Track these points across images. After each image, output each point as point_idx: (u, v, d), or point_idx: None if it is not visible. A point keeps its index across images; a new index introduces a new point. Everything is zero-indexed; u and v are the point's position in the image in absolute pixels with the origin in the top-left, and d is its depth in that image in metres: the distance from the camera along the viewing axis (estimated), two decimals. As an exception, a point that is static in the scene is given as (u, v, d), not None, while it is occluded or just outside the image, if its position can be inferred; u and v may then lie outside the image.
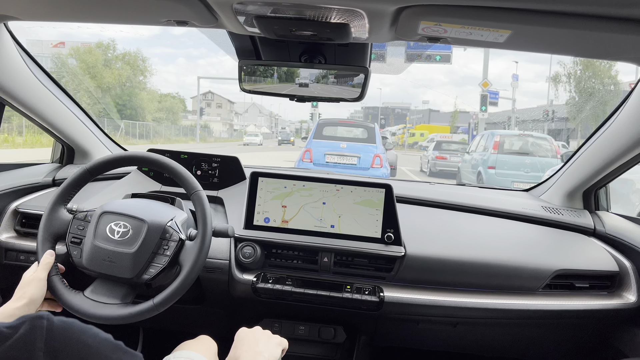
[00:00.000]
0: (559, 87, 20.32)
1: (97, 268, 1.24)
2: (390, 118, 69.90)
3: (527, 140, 10.53)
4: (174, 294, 1.22)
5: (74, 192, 1.33)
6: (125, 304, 1.24)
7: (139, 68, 28.46)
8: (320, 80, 1.35)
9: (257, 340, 1.10)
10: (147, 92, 30.31)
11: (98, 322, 1.20)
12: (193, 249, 1.25)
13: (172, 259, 1.26)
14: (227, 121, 67.04)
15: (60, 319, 0.64)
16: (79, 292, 1.25)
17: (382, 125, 61.87)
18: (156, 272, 1.24)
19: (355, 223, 1.59)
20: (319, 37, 1.18)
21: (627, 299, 1.55)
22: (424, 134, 41.19)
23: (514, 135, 11.43)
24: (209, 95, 73.67)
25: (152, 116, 29.75)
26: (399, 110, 73.72)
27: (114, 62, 25.96)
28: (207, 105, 71.94)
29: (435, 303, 1.54)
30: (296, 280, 1.58)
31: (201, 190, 1.30)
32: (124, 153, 1.37)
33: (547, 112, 19.45)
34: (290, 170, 1.82)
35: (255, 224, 1.62)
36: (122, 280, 1.25)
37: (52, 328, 0.62)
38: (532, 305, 1.54)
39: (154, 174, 1.83)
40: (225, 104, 72.66)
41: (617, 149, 1.56)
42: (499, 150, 10.03)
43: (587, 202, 1.89)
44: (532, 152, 10.07)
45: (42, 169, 2.00)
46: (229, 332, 1.87)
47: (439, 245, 1.61)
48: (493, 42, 1.06)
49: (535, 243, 1.73)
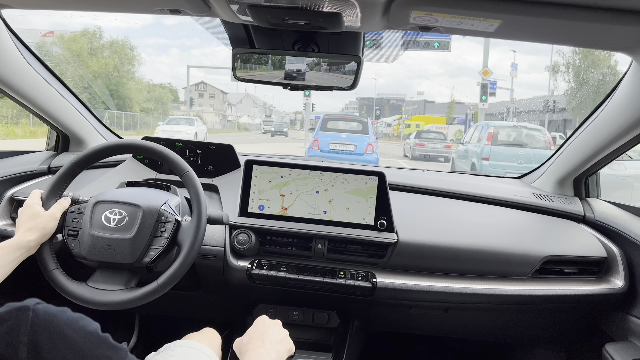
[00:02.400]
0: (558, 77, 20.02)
1: (97, 257, 1.25)
2: (385, 109, 69.29)
3: (521, 132, 10.62)
4: (177, 273, 1.24)
5: (64, 186, 1.33)
6: (129, 289, 1.26)
7: (127, 57, 27.65)
8: (313, 69, 1.36)
9: (272, 337, 1.07)
10: (135, 81, 29.49)
11: (105, 309, 1.23)
12: (190, 228, 1.27)
13: (170, 240, 1.28)
14: (220, 112, 66.16)
15: (45, 310, 0.63)
16: (82, 283, 1.26)
17: (377, 116, 60.65)
18: (156, 254, 1.26)
19: (349, 210, 1.61)
20: (311, 25, 1.19)
21: (615, 284, 1.58)
22: (420, 124, 40.49)
23: (508, 126, 11.53)
24: (201, 85, 72.35)
25: (140, 106, 28.90)
26: (394, 101, 73.07)
27: (100, 50, 25.12)
28: (199, 95, 70.65)
29: (426, 288, 1.56)
30: (291, 267, 1.60)
31: (191, 171, 1.31)
32: (112, 142, 1.37)
33: (548, 102, 18.75)
34: (284, 158, 1.84)
35: (250, 212, 1.64)
36: (123, 266, 1.27)
37: (36, 322, 0.61)
38: (522, 290, 1.57)
39: (149, 161, 1.83)
40: (218, 94, 71.63)
41: (607, 137, 1.58)
42: (493, 142, 10.15)
43: (577, 189, 1.92)
44: (525, 144, 10.23)
45: (38, 156, 2.01)
46: (224, 318, 1.91)
47: (431, 232, 1.63)
48: (483, 32, 1.07)
49: (526, 229, 1.75)
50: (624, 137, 1.53)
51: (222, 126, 56.99)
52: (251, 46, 1.41)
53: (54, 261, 1.27)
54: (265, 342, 1.05)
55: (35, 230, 1.20)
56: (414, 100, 68.99)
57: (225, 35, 1.39)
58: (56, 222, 1.26)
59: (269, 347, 1.04)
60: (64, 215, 1.30)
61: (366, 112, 76.63)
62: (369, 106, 76.18)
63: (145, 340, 2.28)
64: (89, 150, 1.33)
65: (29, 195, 1.28)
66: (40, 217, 1.22)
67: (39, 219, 1.22)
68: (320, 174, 1.64)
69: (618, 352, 1.48)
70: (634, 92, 1.36)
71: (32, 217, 1.22)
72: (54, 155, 2.05)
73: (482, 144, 10.37)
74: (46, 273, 1.26)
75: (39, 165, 1.94)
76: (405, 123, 40.92)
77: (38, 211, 1.23)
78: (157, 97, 34.56)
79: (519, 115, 20.69)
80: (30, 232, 1.19)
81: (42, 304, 0.64)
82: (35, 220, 1.21)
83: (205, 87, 72.20)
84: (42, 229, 1.21)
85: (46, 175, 1.92)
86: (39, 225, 1.21)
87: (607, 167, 1.73)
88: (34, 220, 1.21)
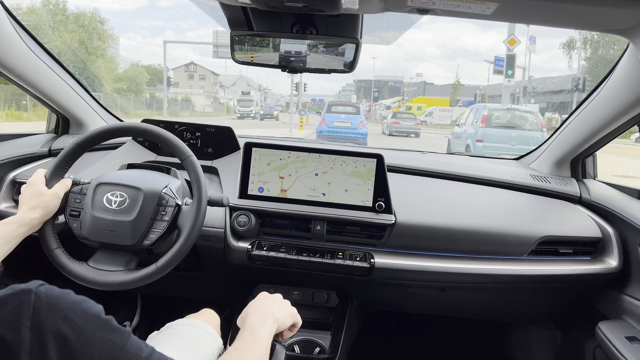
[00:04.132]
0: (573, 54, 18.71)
1: (98, 238, 1.27)
2: (384, 91, 68.24)
3: (514, 114, 10.92)
4: (176, 257, 1.26)
5: (67, 167, 1.34)
6: (129, 270, 1.28)
7: (96, 31, 25.15)
8: (311, 51, 1.36)
9: (273, 302, 1.08)
10: (105, 59, 26.96)
11: (104, 289, 1.25)
12: (190, 213, 1.29)
13: (170, 224, 1.30)
14: (212, 94, 62.84)
15: (48, 293, 0.63)
16: (83, 263, 1.28)
17: (375, 99, 59.28)
18: (156, 237, 1.28)
19: (347, 192, 1.63)
20: (309, 8, 1.18)
21: (609, 264, 1.61)
22: (422, 107, 38.62)
23: (502, 109, 11.73)
24: (191, 66, 69.41)
25: (110, 87, 26.65)
26: (391, 83, 71.87)
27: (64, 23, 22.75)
28: (189, 77, 68.20)
29: (424, 269, 1.59)
30: (290, 248, 1.62)
31: (192, 156, 1.32)
32: (115, 125, 1.38)
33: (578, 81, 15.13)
34: (283, 141, 1.85)
35: (250, 194, 1.65)
36: (124, 248, 1.29)
37: (39, 304, 0.61)
38: (518, 270, 1.59)
39: (149, 144, 1.85)
40: (209, 76, 69.10)
41: (604, 118, 1.59)
42: (487, 124, 10.42)
43: (574, 170, 1.93)
44: (518, 126, 10.53)
45: (38, 139, 2.02)
46: (225, 298, 1.94)
47: (428, 213, 1.65)
48: (481, 14, 1.08)
49: (523, 210, 1.77)
50: (620, 119, 1.54)
51: (213, 109, 54.44)
52: (250, 29, 1.41)
53: (56, 240, 1.28)
54: (266, 305, 1.06)
55: (38, 208, 1.21)
56: (413, 82, 67.90)
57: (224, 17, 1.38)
58: (59, 201, 1.27)
59: (269, 309, 1.05)
60: (66, 196, 1.31)
61: (363, 94, 75.45)
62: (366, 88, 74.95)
63: (148, 320, 2.32)
64: (91, 131, 1.34)
65: (33, 174, 1.29)
66: (43, 196, 1.23)
67: (42, 197, 1.23)
68: (319, 156, 1.66)
69: (611, 330, 1.51)
70: (631, 74, 1.37)
71: (35, 196, 1.23)
72: (55, 137, 2.06)
73: (476, 126, 10.71)
74: (48, 252, 1.28)
75: (39, 147, 1.95)
76: (407, 105, 39.27)
77: (41, 190, 1.24)
78: (131, 76, 31.71)
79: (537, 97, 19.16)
80: (33, 210, 1.21)
81: (44, 285, 0.64)
82: (39, 198, 1.22)
83: (195, 68, 69.30)
84: (44, 207, 1.22)
85: (47, 157, 1.94)
86: (42, 203, 1.22)
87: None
88: (37, 199, 1.22)
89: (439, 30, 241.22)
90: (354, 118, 14.54)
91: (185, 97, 48.91)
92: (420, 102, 39.61)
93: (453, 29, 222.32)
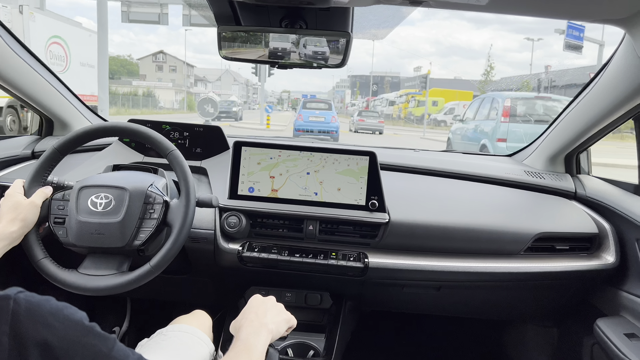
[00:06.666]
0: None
1: (86, 243, 1.23)
2: (385, 85, 65.92)
3: (546, 105, 8.35)
4: (170, 253, 1.22)
5: (46, 173, 1.30)
6: (122, 273, 1.23)
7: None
8: (301, 46, 1.33)
9: (266, 311, 1.07)
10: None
11: (99, 295, 1.21)
12: (180, 208, 1.26)
13: (160, 222, 1.26)
14: (184, 88, 53.66)
15: (27, 299, 0.61)
16: (73, 270, 1.24)
17: (374, 93, 56.78)
18: (146, 236, 1.24)
19: (340, 191, 1.60)
20: (299, 1, 1.15)
21: (606, 260, 1.59)
22: (438, 102, 29.59)
23: (528, 98, 9.09)
24: (159, 56, 61.47)
25: None
26: (389, 78, 70.56)
27: None
28: (158, 69, 60.25)
29: (419, 267, 1.56)
30: (282, 249, 1.59)
31: (176, 150, 1.29)
32: (93, 126, 1.33)
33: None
34: (273, 140, 1.81)
35: (240, 194, 1.61)
36: (114, 250, 1.24)
37: (18, 311, 0.60)
38: (514, 267, 1.57)
39: (135, 144, 1.80)
40: (181, 67, 60.06)
41: (598, 113, 1.57)
42: (511, 118, 8.10)
43: (568, 165, 1.92)
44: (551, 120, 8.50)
45: (21, 141, 1.97)
46: (216, 301, 1.90)
47: (422, 211, 1.62)
48: (475, 5, 1.05)
49: (518, 207, 1.75)
50: (615, 113, 1.53)
51: (180, 106, 46.02)
52: (237, 23, 1.37)
53: (42, 250, 1.24)
54: (259, 316, 1.04)
55: (16, 221, 1.17)
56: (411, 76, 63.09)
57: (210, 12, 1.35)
58: (37, 209, 1.22)
59: (263, 320, 1.03)
60: (48, 203, 1.27)
61: (359, 88, 74.75)
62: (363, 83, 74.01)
63: (138, 325, 2.27)
64: (69, 135, 1.30)
65: (11, 186, 1.24)
66: (20, 207, 1.19)
67: (20, 209, 1.18)
68: (311, 154, 1.62)
69: (610, 326, 1.49)
70: (627, 67, 1.35)
71: (13, 208, 1.18)
72: (38, 139, 2.00)
73: (496, 121, 8.24)
74: (34, 263, 1.23)
75: (22, 150, 1.90)
76: (417, 100, 30.11)
77: (19, 201, 1.20)
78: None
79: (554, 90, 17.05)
80: (11, 224, 1.16)
81: (24, 292, 0.62)
82: (17, 210, 1.18)
83: (164, 57, 61.36)
84: (23, 219, 1.18)
85: (30, 160, 1.89)
86: (20, 215, 1.18)
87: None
88: (15, 211, 1.18)
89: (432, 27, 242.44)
90: (327, 113, 16.24)
91: (147, 91, 43.42)
92: (436, 95, 28.81)
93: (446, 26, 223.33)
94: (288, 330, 1.12)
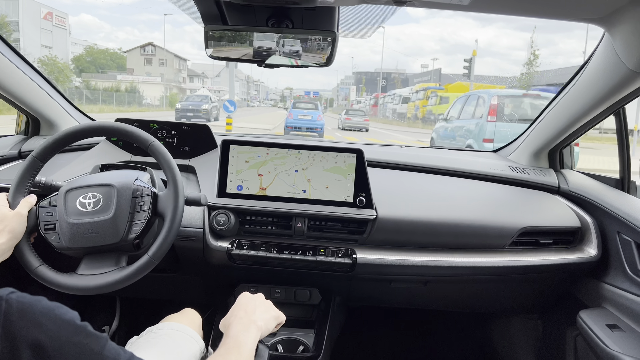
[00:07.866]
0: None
1: (81, 244, 1.21)
2: (396, 81, 63.26)
3: (534, 104, 7.98)
4: (165, 242, 1.23)
5: (29, 182, 1.28)
6: (121, 268, 1.23)
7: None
8: (287, 45, 1.34)
9: (255, 308, 1.08)
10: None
11: (102, 293, 1.20)
12: (169, 196, 1.26)
13: (151, 213, 1.26)
14: (174, 84, 51.03)
15: (19, 300, 0.62)
16: (72, 273, 1.23)
17: (383, 89, 54.09)
18: (140, 228, 1.23)
19: (328, 189, 1.61)
20: (285, 0, 1.16)
21: (588, 253, 1.62)
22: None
23: (516, 96, 8.74)
24: (148, 48, 56.75)
25: None
26: (395, 75, 69.61)
27: None
28: (146, 62, 56.05)
29: (406, 263, 1.58)
30: (271, 246, 1.60)
31: (155, 141, 1.29)
32: (71, 129, 1.31)
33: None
34: (261, 137, 1.82)
35: (229, 192, 1.62)
36: (110, 248, 1.23)
37: (9, 311, 0.60)
38: (499, 261, 1.60)
39: (123, 143, 1.80)
40: (171, 60, 56.95)
41: (580, 109, 1.60)
42: (498, 117, 7.77)
43: (552, 161, 1.95)
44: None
45: (7, 141, 1.95)
46: (206, 299, 1.91)
47: (409, 207, 1.64)
48: (457, 5, 1.07)
49: (502, 202, 1.78)
50: (596, 109, 1.56)
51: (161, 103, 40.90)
52: (224, 23, 1.37)
53: (37, 258, 1.22)
54: (248, 312, 1.06)
55: (4, 233, 1.15)
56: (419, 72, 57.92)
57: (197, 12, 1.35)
58: (24, 219, 1.20)
59: (252, 317, 1.04)
60: (36, 212, 1.25)
61: (365, 84, 73.79)
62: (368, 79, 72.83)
63: (128, 324, 2.27)
64: (46, 141, 1.28)
65: None
66: (6, 219, 1.17)
67: (5, 222, 1.16)
68: (299, 152, 1.63)
69: (592, 318, 1.52)
70: (607, 64, 1.37)
71: None
72: (25, 139, 1.99)
73: (482, 121, 7.92)
74: (31, 272, 1.22)
75: (9, 150, 1.88)
76: (438, 95, 25.33)
77: (4, 213, 1.18)
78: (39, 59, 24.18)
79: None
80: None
81: (15, 293, 0.63)
82: (2, 222, 1.16)
83: (154, 50, 56.69)
84: (10, 231, 1.16)
85: (17, 160, 1.87)
86: (7, 228, 1.16)
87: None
88: (2, 224, 1.16)
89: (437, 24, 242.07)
90: (313, 112, 18.54)
91: (130, 87, 39.94)
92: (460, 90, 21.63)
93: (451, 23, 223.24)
94: (277, 327, 1.13)
